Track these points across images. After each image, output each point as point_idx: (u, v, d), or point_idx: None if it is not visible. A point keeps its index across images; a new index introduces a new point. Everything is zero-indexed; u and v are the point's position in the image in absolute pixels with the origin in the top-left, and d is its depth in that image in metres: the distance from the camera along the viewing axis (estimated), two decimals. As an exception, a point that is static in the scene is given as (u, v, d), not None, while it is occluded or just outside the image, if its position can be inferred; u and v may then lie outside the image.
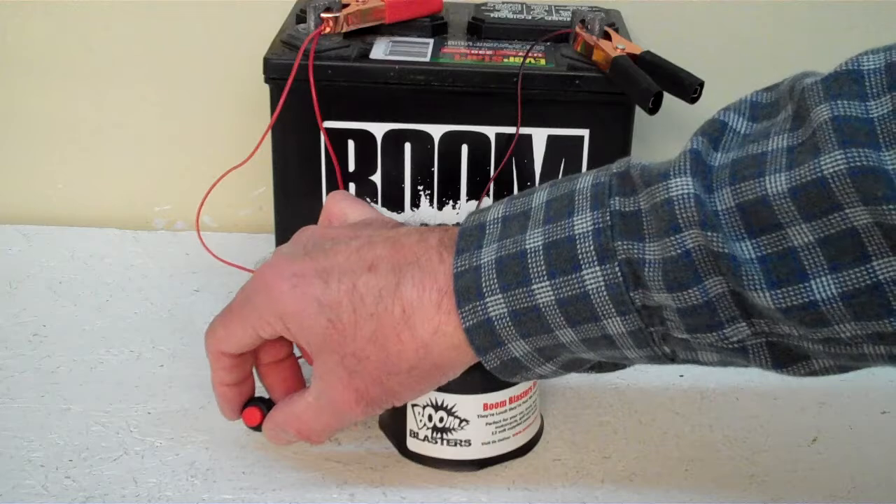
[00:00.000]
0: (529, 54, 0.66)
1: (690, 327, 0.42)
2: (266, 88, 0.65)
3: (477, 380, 0.56)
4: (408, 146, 0.67)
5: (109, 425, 0.62)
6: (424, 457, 0.58)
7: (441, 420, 0.57)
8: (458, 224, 0.49)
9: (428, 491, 0.57)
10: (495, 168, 0.67)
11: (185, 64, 0.85)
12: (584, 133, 0.67)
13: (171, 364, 0.68)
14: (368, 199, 0.68)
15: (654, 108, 0.61)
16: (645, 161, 0.44)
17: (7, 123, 0.87)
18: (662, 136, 0.86)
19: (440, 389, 0.56)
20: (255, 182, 0.69)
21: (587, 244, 0.43)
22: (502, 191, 0.68)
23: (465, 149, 0.67)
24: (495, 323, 0.45)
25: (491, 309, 0.45)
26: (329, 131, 0.66)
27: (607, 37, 0.67)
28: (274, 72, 0.65)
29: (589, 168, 0.67)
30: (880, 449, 0.61)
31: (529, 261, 0.44)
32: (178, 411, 0.63)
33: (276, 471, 0.58)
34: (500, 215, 0.47)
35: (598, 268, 0.43)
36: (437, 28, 0.71)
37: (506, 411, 0.58)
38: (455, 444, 0.57)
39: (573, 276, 0.43)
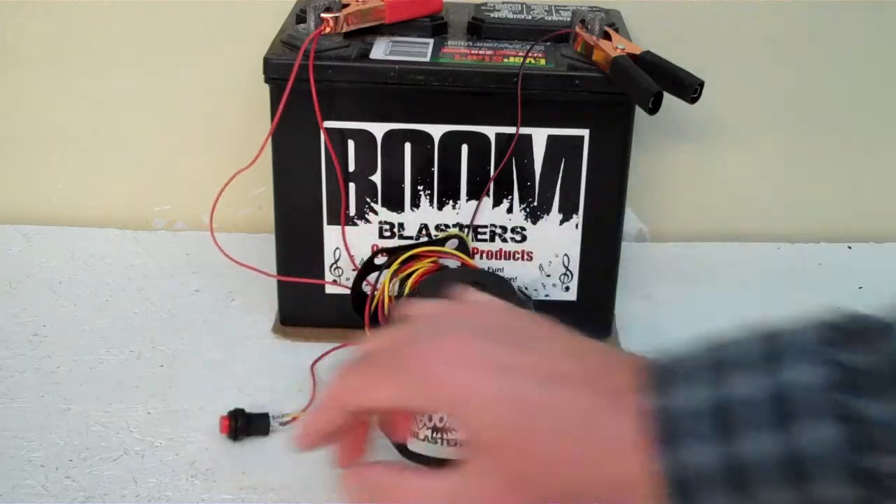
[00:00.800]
0: (529, 54, 0.66)
1: None
2: (266, 88, 0.65)
3: None
4: (408, 146, 0.67)
5: (109, 425, 0.62)
6: (425, 457, 0.58)
7: (441, 420, 0.57)
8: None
9: (428, 491, 0.57)
10: (495, 168, 0.67)
11: (185, 64, 0.85)
12: (584, 133, 0.67)
13: (171, 364, 0.68)
14: (369, 199, 0.68)
15: (654, 108, 0.61)
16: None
17: (7, 123, 0.87)
18: (662, 136, 0.86)
19: None
20: (255, 182, 0.69)
21: (808, 404, 0.37)
22: (502, 191, 0.68)
23: (465, 149, 0.67)
24: (701, 473, 0.38)
25: (697, 457, 0.38)
26: (329, 131, 0.66)
27: (607, 37, 0.67)
28: (274, 72, 0.64)
29: (589, 168, 0.67)
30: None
31: (747, 409, 0.38)
32: (178, 411, 0.63)
33: (276, 471, 0.58)
34: (702, 363, 0.40)
35: (824, 429, 0.37)
36: (437, 28, 0.71)
37: None
38: (455, 444, 0.57)
39: (792, 435, 0.37)
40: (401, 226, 0.69)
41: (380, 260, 0.64)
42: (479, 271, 0.65)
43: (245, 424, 0.61)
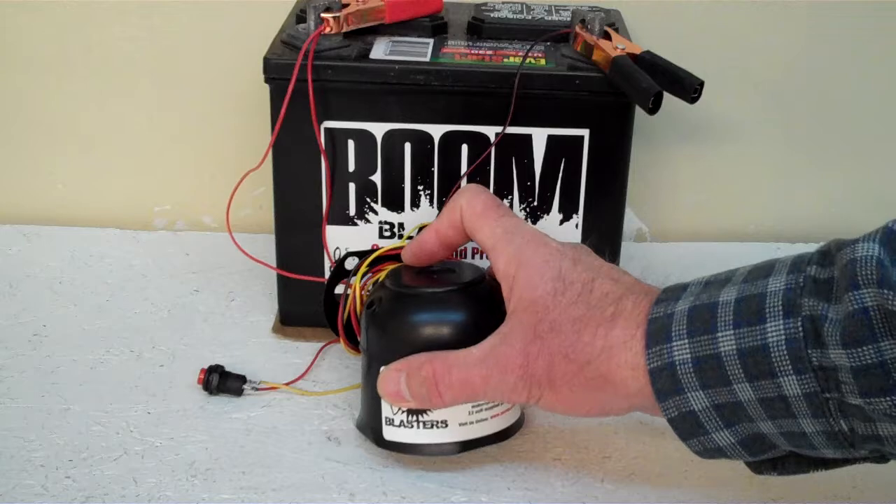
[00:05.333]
0: (529, 54, 0.66)
1: (864, 390, 0.42)
2: (266, 88, 0.65)
3: None
4: (408, 146, 0.67)
5: (109, 425, 0.62)
6: (402, 444, 0.57)
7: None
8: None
9: (428, 491, 0.57)
10: (495, 168, 0.67)
11: (185, 64, 0.85)
12: (584, 133, 0.67)
13: (171, 364, 0.68)
14: (369, 199, 0.68)
15: (654, 108, 0.61)
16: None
17: (7, 123, 0.87)
18: (662, 136, 0.86)
19: None
20: (255, 182, 0.69)
21: (776, 300, 0.44)
22: (502, 191, 0.68)
23: (464, 149, 0.67)
24: (678, 367, 0.46)
25: (676, 353, 0.46)
26: (329, 131, 0.66)
27: (607, 37, 0.67)
28: (274, 72, 0.64)
29: (589, 168, 0.67)
30: (880, 449, 0.61)
31: (719, 312, 0.46)
32: (178, 411, 0.63)
33: (276, 471, 0.58)
34: (703, 280, 0.49)
35: (781, 321, 0.43)
36: (437, 28, 0.71)
37: None
38: (431, 427, 0.57)
39: (757, 327, 0.44)
40: (401, 226, 0.69)
41: (350, 264, 0.63)
42: (450, 261, 0.64)
43: (221, 382, 0.64)
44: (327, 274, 0.69)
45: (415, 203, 0.69)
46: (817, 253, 0.45)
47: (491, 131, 0.66)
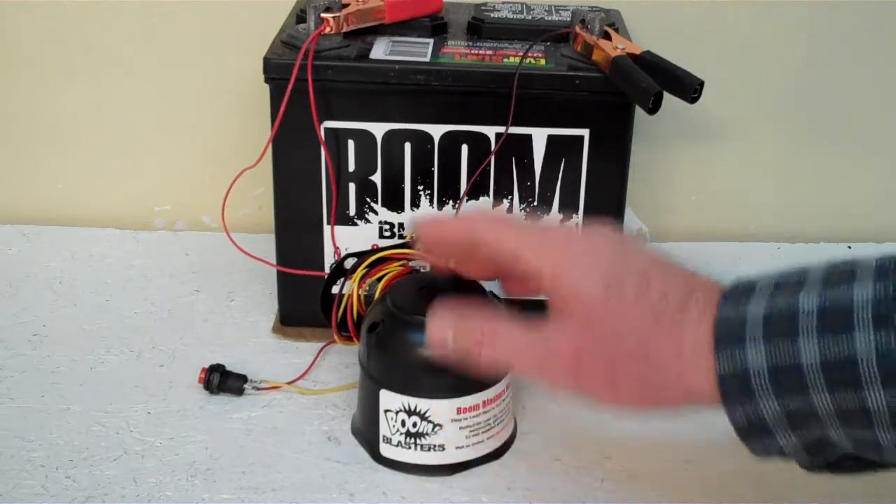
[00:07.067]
0: (529, 54, 0.66)
1: None
2: (266, 88, 0.65)
3: (449, 383, 0.56)
4: (408, 146, 0.67)
5: (109, 425, 0.62)
6: (398, 462, 0.58)
7: (414, 425, 0.57)
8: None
9: (428, 492, 0.57)
10: (495, 166, 0.67)
11: (185, 64, 0.85)
12: (584, 133, 0.67)
13: (171, 364, 0.68)
14: (369, 199, 0.68)
15: (654, 108, 0.61)
16: None
17: (7, 123, 0.87)
18: (662, 136, 0.86)
19: (412, 394, 0.56)
20: (255, 182, 0.69)
21: (865, 312, 0.42)
22: (502, 190, 0.68)
23: (465, 149, 0.67)
24: (752, 375, 0.43)
25: (751, 359, 0.43)
26: (329, 131, 0.66)
27: (607, 37, 0.67)
28: (274, 72, 0.64)
29: (589, 168, 0.67)
30: (880, 449, 0.61)
31: (801, 319, 0.43)
32: (178, 411, 0.63)
33: (276, 471, 0.58)
34: (771, 279, 0.46)
35: (871, 333, 0.41)
36: (437, 28, 0.71)
37: (479, 415, 0.58)
38: (429, 449, 0.57)
39: (843, 336, 0.42)
40: (401, 226, 0.69)
41: (349, 263, 0.64)
42: (451, 275, 0.65)
43: (222, 381, 0.64)
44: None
45: (415, 203, 0.69)
46: None
47: (491, 131, 0.66)
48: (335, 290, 0.63)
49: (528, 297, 0.53)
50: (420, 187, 0.68)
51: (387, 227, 0.69)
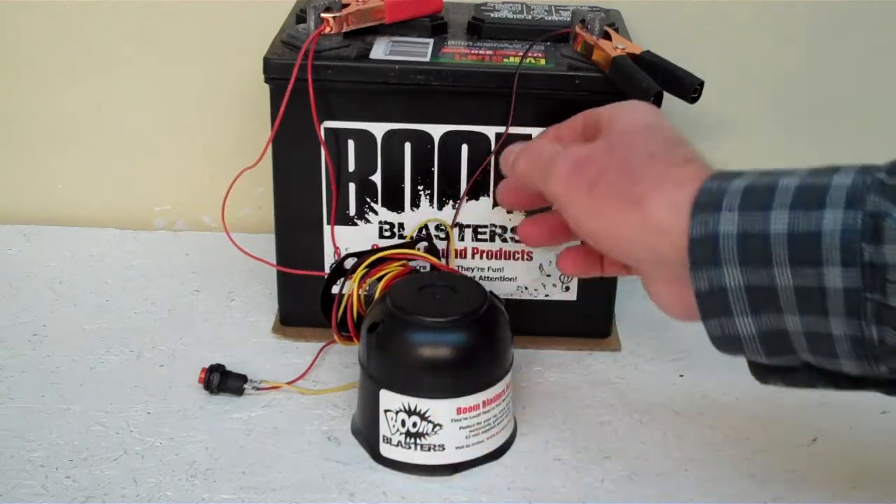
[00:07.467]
0: (529, 54, 0.66)
1: None
2: (266, 88, 0.65)
3: (449, 383, 0.57)
4: (408, 146, 0.67)
5: (109, 425, 0.62)
6: (398, 462, 0.58)
7: (414, 425, 0.57)
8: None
9: (428, 491, 0.57)
10: (493, 168, 0.67)
11: (185, 64, 0.85)
12: (584, 133, 0.67)
13: (171, 364, 0.68)
14: (369, 199, 0.68)
15: (654, 108, 0.61)
16: None
17: (7, 123, 0.87)
18: (662, 135, 0.86)
19: (412, 394, 0.56)
20: (255, 182, 0.69)
21: (840, 191, 0.43)
22: (502, 191, 0.68)
23: (465, 149, 0.67)
24: (721, 239, 0.45)
25: (722, 225, 0.45)
26: (329, 131, 0.66)
27: (607, 37, 0.67)
28: (274, 72, 0.64)
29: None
30: (880, 449, 0.61)
31: (777, 193, 0.44)
32: (178, 411, 0.63)
33: (276, 471, 0.58)
34: (761, 171, 0.48)
35: (841, 211, 0.42)
36: (437, 28, 0.71)
37: (479, 415, 0.58)
38: (429, 449, 0.57)
39: (814, 212, 0.43)
40: (401, 226, 0.69)
41: (349, 263, 0.64)
42: (451, 274, 0.65)
43: (222, 381, 0.64)
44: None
45: (415, 203, 0.69)
46: (890, 163, 0.44)
47: (491, 131, 0.66)
48: (335, 290, 0.64)
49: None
50: (420, 187, 0.68)
51: (387, 227, 0.69)
